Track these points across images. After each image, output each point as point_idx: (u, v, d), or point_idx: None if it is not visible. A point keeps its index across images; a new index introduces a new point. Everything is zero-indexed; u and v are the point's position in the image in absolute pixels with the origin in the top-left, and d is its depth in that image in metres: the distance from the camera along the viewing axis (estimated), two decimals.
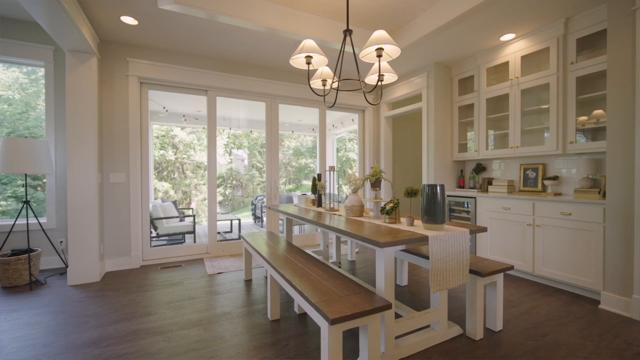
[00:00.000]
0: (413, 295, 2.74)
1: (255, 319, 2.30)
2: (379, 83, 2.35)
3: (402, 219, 2.16)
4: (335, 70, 2.32)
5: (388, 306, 1.46)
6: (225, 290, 2.89)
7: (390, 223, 2.07)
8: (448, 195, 4.06)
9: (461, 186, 4.34)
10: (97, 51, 3.21)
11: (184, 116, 6.13)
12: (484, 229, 1.90)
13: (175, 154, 12.25)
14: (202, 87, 3.99)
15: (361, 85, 2.20)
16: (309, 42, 2.07)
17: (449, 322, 2.09)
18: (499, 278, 2.09)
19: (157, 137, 11.82)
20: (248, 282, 3.11)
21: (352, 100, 5.01)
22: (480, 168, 4.17)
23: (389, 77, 2.47)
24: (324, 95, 2.39)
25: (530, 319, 2.30)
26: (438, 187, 1.80)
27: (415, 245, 1.67)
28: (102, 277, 3.24)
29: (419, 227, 1.90)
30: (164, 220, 5.02)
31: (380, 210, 2.13)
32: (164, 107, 5.73)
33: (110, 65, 3.47)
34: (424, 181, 4.33)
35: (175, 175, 13.03)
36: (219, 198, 13.61)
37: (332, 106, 2.47)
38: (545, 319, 2.29)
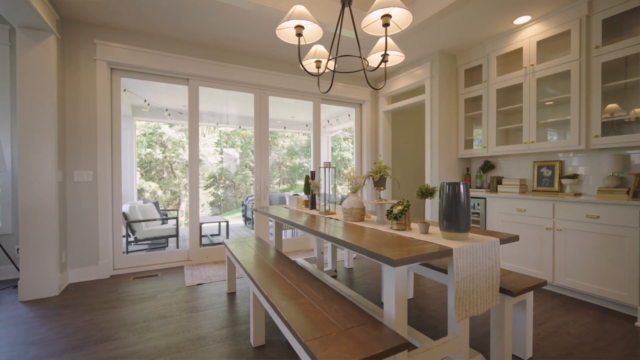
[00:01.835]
0: (421, 311, 2.37)
1: (236, 345, 1.91)
2: (385, 61, 1.97)
3: (413, 225, 1.79)
4: (332, 46, 1.94)
5: (402, 346, 1.09)
6: (204, 306, 2.49)
7: (398, 230, 1.70)
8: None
9: None
10: (56, 29, 2.78)
11: (166, 110, 5.70)
12: (515, 238, 1.54)
13: (163, 152, 11.75)
14: (182, 75, 3.58)
15: (362, 64, 1.83)
16: (299, 8, 1.69)
17: (470, 349, 1.73)
18: (529, 296, 1.73)
19: (144, 135, 11.33)
20: (231, 295, 2.72)
21: (348, 92, 4.64)
22: (488, 166, 3.83)
23: (395, 57, 2.10)
24: (318, 75, 2.01)
25: (561, 341, 1.95)
26: (461, 186, 1.43)
27: (434, 260, 1.30)
28: (62, 290, 2.82)
29: (435, 236, 1.53)
30: (143, 223, 4.59)
31: (387, 214, 1.76)
32: (145, 101, 5.30)
33: (74, 47, 3.04)
34: (427, 180, 3.98)
35: (165, 175, 12.53)
36: (210, 198, 13.16)
37: (328, 91, 2.10)
38: (579, 342, 1.94)
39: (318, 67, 2.19)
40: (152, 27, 3.21)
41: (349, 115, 5.90)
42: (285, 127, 7.21)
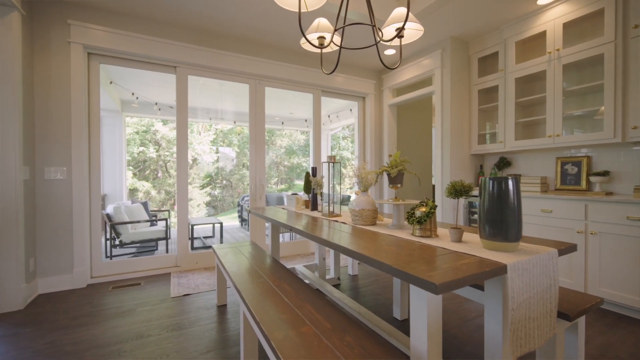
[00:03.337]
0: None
1: None
2: (400, 36, 1.65)
3: (441, 231, 1.47)
4: (338, 17, 1.62)
5: None
6: (189, 322, 2.15)
7: (422, 237, 1.38)
8: (466, 196, 3.38)
9: None
10: (21, 6, 2.44)
11: (156, 104, 5.34)
12: (573, 247, 1.22)
13: (157, 151, 11.38)
14: (169, 62, 3.24)
15: (374, 34, 1.51)
16: None
17: None
18: (582, 318, 1.41)
19: (137, 133, 10.96)
20: (221, 308, 2.38)
21: (351, 84, 4.32)
22: (504, 163, 3.52)
23: (413, 32, 1.78)
24: (321, 49, 1.69)
25: None
26: (510, 182, 1.11)
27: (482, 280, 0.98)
28: (28, 303, 2.47)
29: (473, 246, 1.21)
30: (129, 226, 4.24)
31: (407, 217, 1.44)
32: (133, 94, 4.95)
33: (44, 27, 2.70)
34: (436, 179, 3.66)
35: (159, 175, 12.16)
36: (207, 198, 12.81)
37: (333, 70, 1.77)
38: None
39: (321, 45, 1.86)
40: (134, 7, 2.87)
41: (350, 110, 5.58)
42: (283, 123, 6.87)
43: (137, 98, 5.11)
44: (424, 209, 1.39)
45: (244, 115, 7.05)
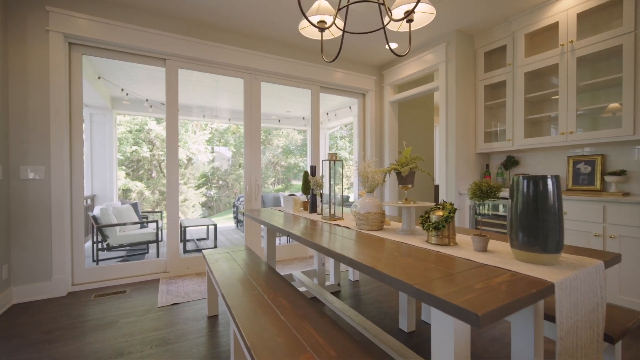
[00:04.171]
0: None
1: None
2: (410, 20, 1.47)
3: (461, 238, 1.30)
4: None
5: None
6: (176, 336, 1.96)
7: (440, 245, 1.20)
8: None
9: None
10: None
11: (147, 100, 5.13)
12: (618, 258, 1.05)
13: (151, 150, 11.13)
14: (158, 54, 3.04)
15: (381, 15, 1.33)
16: None
17: None
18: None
19: (130, 132, 10.70)
20: (212, 319, 2.19)
21: (351, 81, 4.14)
22: (511, 162, 3.35)
23: (423, 16, 1.60)
24: (322, 31, 1.50)
25: None
26: (550, 182, 0.93)
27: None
28: (1, 314, 2.26)
29: (503, 257, 1.04)
30: (117, 228, 4.03)
31: (421, 222, 1.26)
32: (122, 90, 4.73)
33: (20, 15, 2.49)
34: (441, 180, 3.49)
35: (153, 175, 11.91)
36: (202, 199, 12.57)
37: (336, 58, 1.59)
38: None
39: (322, 29, 1.68)
40: None
41: (349, 107, 5.41)
42: (279, 121, 6.68)
43: (127, 94, 4.89)
44: (440, 213, 1.21)
45: (239, 114, 6.85)
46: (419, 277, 0.82)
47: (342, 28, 1.58)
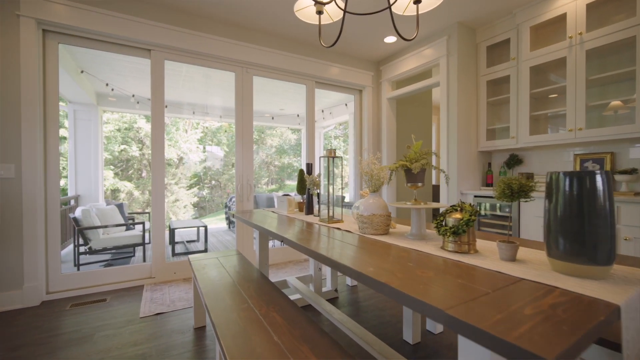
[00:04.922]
0: None
1: None
2: (418, 2, 1.31)
3: (482, 245, 1.13)
4: None
5: None
6: (158, 351, 1.76)
7: (458, 252, 1.04)
8: (475, 196, 3.09)
9: (489, 184, 3.39)
10: None
11: (133, 96, 4.89)
12: None
13: (140, 149, 10.81)
14: (143, 44, 2.83)
15: None
16: None
17: None
18: None
19: (119, 130, 10.38)
20: (199, 331, 2.00)
21: (347, 76, 3.97)
22: (515, 160, 3.23)
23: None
24: (320, 14, 1.33)
25: None
26: (599, 179, 0.77)
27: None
28: None
29: (538, 268, 0.88)
30: (100, 231, 3.79)
31: (436, 226, 1.09)
32: (107, 85, 4.48)
33: None
34: (440, 179, 3.34)
35: (143, 174, 11.58)
36: (194, 199, 12.29)
37: (335, 42, 1.42)
38: None
39: (320, 12, 1.51)
40: None
41: (345, 105, 5.24)
42: (273, 118, 6.49)
43: (112, 90, 4.64)
44: (459, 216, 1.04)
45: (231, 111, 6.64)
46: (449, 299, 0.65)
47: (342, 7, 1.41)
